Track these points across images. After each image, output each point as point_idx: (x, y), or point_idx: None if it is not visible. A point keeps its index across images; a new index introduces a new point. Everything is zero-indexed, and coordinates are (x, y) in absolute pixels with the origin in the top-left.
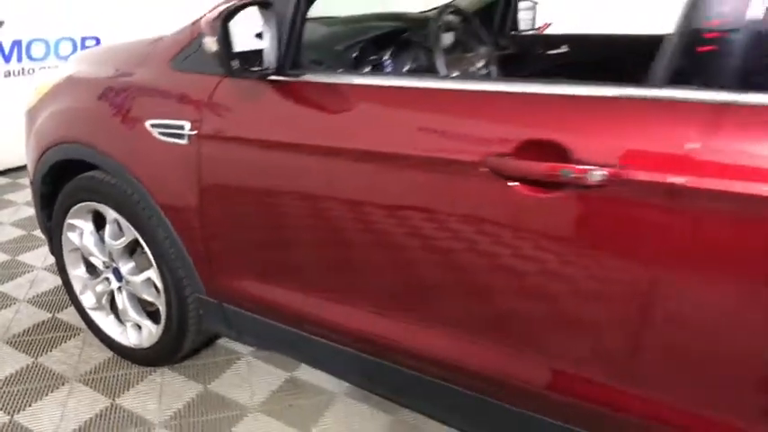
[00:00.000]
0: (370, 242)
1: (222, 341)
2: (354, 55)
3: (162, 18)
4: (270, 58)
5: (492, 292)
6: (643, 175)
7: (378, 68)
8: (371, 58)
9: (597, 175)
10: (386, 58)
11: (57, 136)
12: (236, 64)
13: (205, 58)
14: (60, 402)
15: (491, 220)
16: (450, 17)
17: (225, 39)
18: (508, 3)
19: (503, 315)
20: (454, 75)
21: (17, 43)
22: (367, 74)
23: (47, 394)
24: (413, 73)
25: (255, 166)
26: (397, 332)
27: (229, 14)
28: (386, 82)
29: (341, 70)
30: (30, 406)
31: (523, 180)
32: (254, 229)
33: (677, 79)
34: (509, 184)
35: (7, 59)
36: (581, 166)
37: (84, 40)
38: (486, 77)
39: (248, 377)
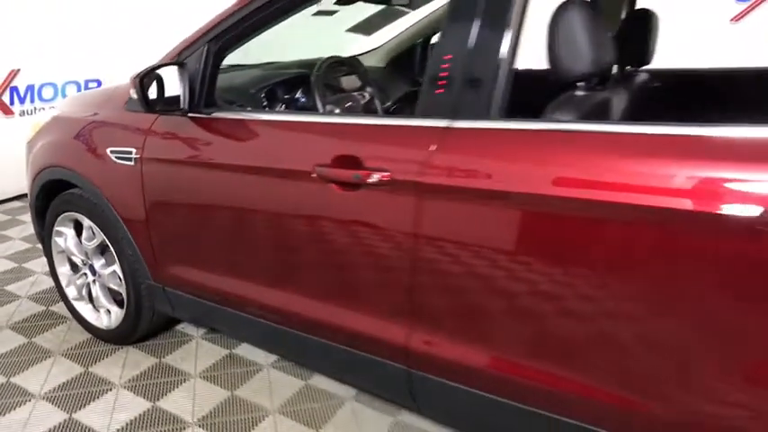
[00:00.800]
0: (258, 234)
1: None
2: (263, 95)
3: (155, 58)
4: (184, 102)
5: (329, 267)
6: (401, 176)
7: (291, 104)
8: (286, 96)
9: (375, 177)
10: (298, 95)
11: (46, 162)
12: (151, 107)
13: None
14: (46, 369)
15: (326, 216)
16: (328, 68)
17: (142, 91)
18: (425, 52)
19: (339, 282)
20: (333, 111)
21: (30, 87)
22: (257, 110)
23: (37, 363)
24: (292, 110)
25: (180, 179)
26: (289, 302)
27: (145, 75)
28: (269, 117)
29: (240, 107)
30: (23, 371)
31: (335, 182)
32: (181, 227)
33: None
34: (329, 185)
35: (22, 101)
36: (366, 171)
37: (87, 82)
38: (347, 112)
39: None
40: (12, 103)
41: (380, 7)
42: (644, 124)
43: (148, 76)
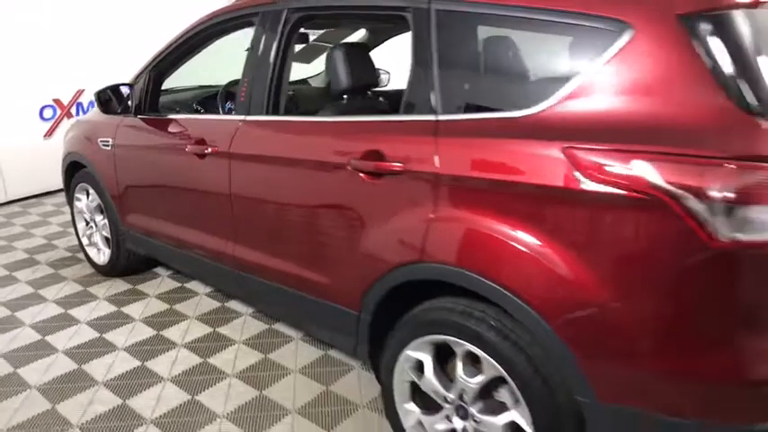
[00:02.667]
0: (174, 190)
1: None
2: (196, 104)
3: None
4: (134, 108)
5: (208, 209)
6: (223, 149)
7: (211, 109)
8: (223, 105)
9: (209, 149)
10: (228, 104)
11: (68, 149)
12: (113, 111)
13: (114, 108)
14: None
15: (196, 177)
16: (227, 86)
17: (100, 102)
18: None
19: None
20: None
21: (91, 103)
22: (174, 113)
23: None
24: (192, 112)
25: (133, 157)
26: (189, 235)
27: (101, 91)
28: (179, 117)
29: (170, 111)
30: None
31: (197, 154)
32: (135, 188)
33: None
34: (194, 157)
35: (85, 113)
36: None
37: None
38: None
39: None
40: (77, 115)
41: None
42: (344, 116)
43: (104, 92)
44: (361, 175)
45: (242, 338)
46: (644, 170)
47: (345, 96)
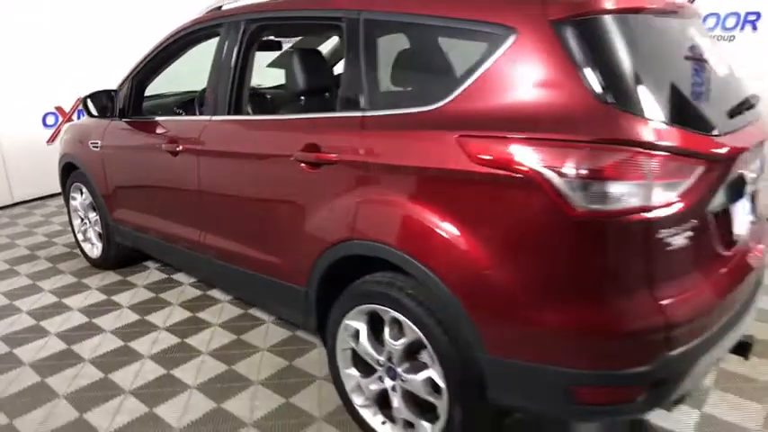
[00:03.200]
0: (156, 186)
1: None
2: (177, 108)
3: None
4: (119, 112)
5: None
6: (191, 146)
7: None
8: (199, 107)
9: (180, 147)
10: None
11: (62, 151)
12: (102, 114)
13: (101, 112)
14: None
15: (171, 174)
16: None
17: (86, 107)
18: None
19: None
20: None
21: None
22: (154, 115)
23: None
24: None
25: (119, 156)
26: (168, 227)
27: (86, 96)
28: (157, 119)
29: (152, 114)
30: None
31: (170, 152)
32: (121, 184)
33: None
34: (167, 154)
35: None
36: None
37: None
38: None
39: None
40: (79, 119)
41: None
42: (286, 114)
43: (89, 97)
44: (302, 165)
45: (218, 322)
46: (519, 153)
47: (303, 97)
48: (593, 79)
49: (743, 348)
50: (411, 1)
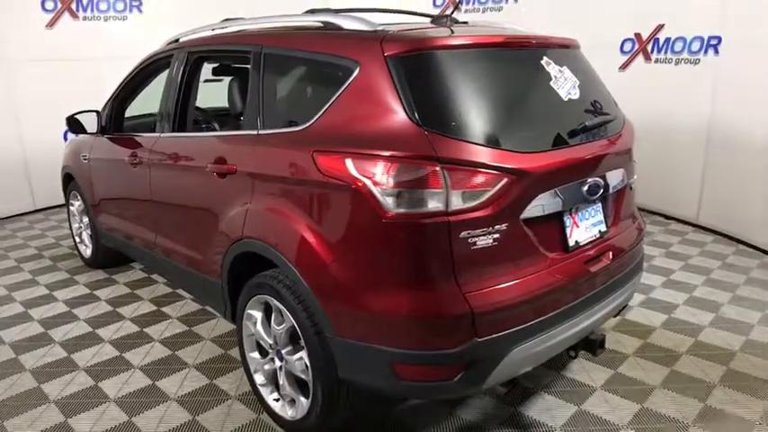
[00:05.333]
0: (131, 195)
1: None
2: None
3: None
4: (101, 128)
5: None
6: (145, 158)
7: None
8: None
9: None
10: None
11: (64, 163)
12: (74, 132)
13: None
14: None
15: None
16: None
17: (70, 125)
18: None
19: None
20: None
21: None
22: (130, 132)
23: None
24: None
25: (102, 168)
26: (135, 230)
27: (70, 116)
28: (129, 135)
29: (132, 131)
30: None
31: (133, 164)
32: (103, 192)
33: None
34: (134, 167)
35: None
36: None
37: None
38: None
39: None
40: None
41: None
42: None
43: (72, 117)
44: (214, 174)
45: (177, 315)
46: (350, 166)
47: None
48: (411, 105)
49: (591, 345)
50: (293, 38)
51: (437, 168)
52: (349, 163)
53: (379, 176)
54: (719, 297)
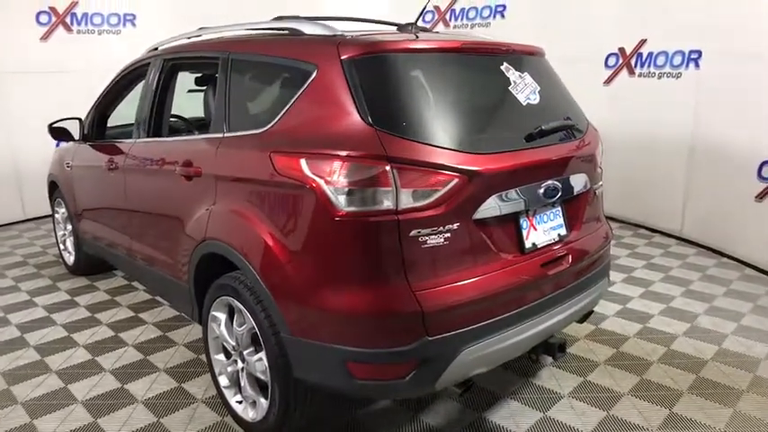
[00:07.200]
0: (112, 201)
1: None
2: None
3: None
4: (83, 136)
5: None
6: (120, 163)
7: None
8: None
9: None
10: None
11: (50, 171)
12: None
13: (71, 136)
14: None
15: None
16: None
17: (52, 133)
18: None
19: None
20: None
21: None
22: (111, 139)
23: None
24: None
25: (83, 174)
26: (129, 244)
27: (51, 124)
28: (108, 141)
29: (111, 138)
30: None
31: (110, 169)
32: (84, 199)
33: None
34: (113, 172)
35: None
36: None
37: None
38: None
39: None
40: None
41: None
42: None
43: (54, 125)
44: (182, 177)
45: (153, 321)
46: (304, 166)
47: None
48: (364, 106)
49: (550, 349)
50: (257, 44)
51: (387, 168)
52: (303, 163)
53: (331, 175)
54: (696, 308)
